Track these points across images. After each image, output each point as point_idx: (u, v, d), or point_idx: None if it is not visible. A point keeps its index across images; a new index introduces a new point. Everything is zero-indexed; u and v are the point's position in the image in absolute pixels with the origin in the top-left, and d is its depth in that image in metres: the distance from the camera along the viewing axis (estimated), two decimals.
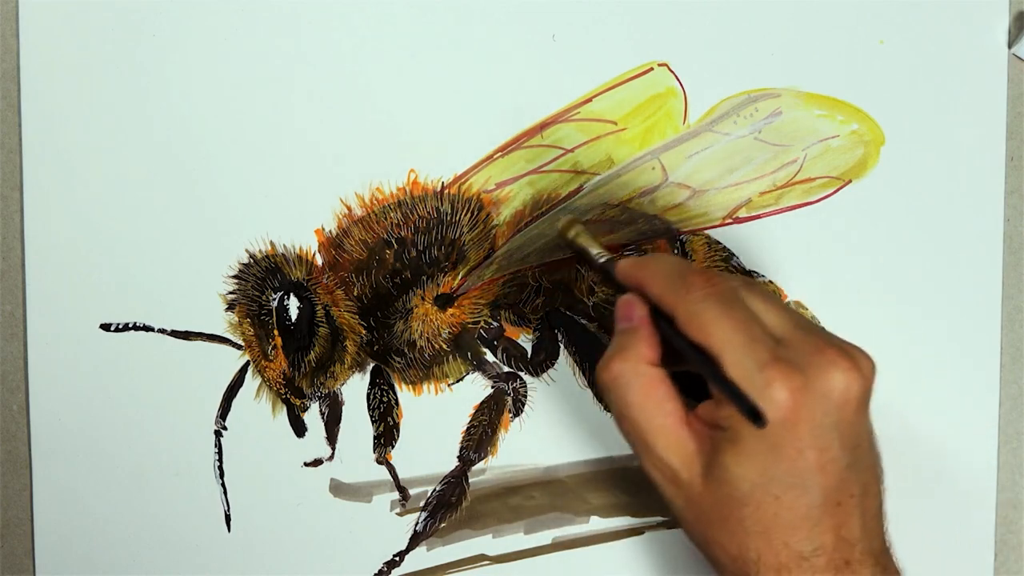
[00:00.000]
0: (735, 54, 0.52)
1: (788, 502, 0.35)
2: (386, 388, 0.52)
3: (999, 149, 0.52)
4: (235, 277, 0.52)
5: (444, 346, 0.52)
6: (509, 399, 0.52)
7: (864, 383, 0.36)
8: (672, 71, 0.52)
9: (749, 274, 0.51)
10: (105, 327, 0.53)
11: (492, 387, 0.52)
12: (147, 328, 0.53)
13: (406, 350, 0.51)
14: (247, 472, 0.53)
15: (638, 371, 0.38)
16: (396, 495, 0.53)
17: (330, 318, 0.50)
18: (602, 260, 0.43)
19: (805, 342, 0.36)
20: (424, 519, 0.52)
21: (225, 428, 0.52)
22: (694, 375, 0.38)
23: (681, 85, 0.52)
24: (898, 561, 0.38)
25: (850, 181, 0.51)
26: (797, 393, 0.35)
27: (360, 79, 0.52)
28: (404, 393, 0.52)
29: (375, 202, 0.52)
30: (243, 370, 0.52)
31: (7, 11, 0.53)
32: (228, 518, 0.53)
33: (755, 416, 0.34)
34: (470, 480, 0.52)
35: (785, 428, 0.35)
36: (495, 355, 0.52)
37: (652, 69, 0.52)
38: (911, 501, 0.51)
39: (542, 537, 0.53)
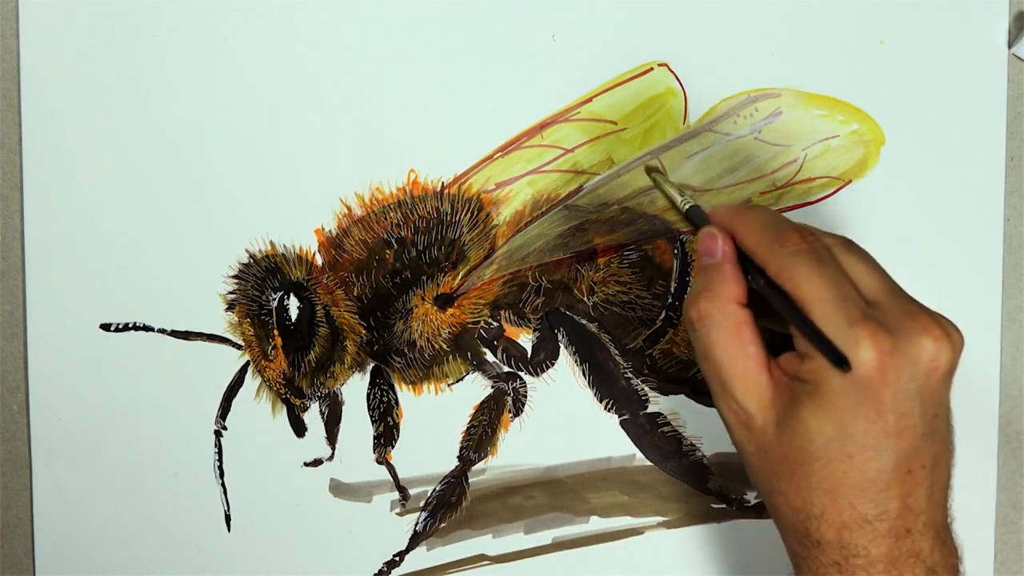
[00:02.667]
0: (735, 54, 0.52)
1: (860, 463, 0.35)
2: (386, 388, 0.52)
3: (999, 149, 0.52)
4: (235, 277, 0.52)
5: (444, 346, 0.52)
6: (509, 399, 0.52)
7: (953, 354, 0.36)
8: (672, 71, 0.52)
9: None
10: (105, 327, 0.53)
11: (492, 387, 0.52)
12: (147, 328, 0.53)
13: (406, 350, 0.51)
14: (247, 472, 0.53)
15: (726, 311, 0.37)
16: (396, 495, 0.53)
17: (330, 318, 0.50)
18: (687, 206, 0.43)
19: (898, 306, 0.36)
20: (424, 519, 0.52)
21: (225, 428, 0.52)
22: (770, 332, 0.38)
23: (681, 85, 0.52)
24: (958, 538, 0.38)
25: (850, 181, 0.51)
26: (884, 355, 0.34)
27: (360, 79, 0.52)
28: (404, 393, 0.52)
29: (375, 202, 0.52)
30: (243, 370, 0.52)
31: (7, 11, 0.53)
32: (228, 518, 0.53)
33: (840, 362, 0.34)
34: (470, 480, 0.52)
35: (868, 388, 0.35)
36: (495, 355, 0.52)
37: (652, 69, 0.52)
38: None
39: (542, 537, 0.53)
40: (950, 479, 0.37)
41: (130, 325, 0.53)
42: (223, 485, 0.53)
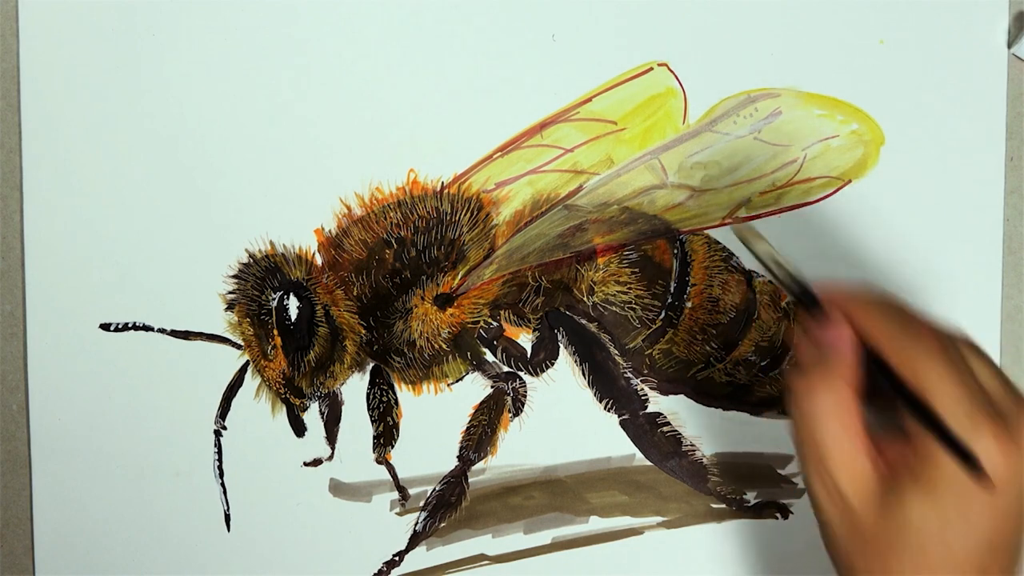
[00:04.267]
0: (735, 54, 0.52)
1: (956, 551, 0.35)
2: (386, 388, 0.52)
3: (999, 149, 0.52)
4: (235, 277, 0.52)
5: (444, 346, 0.51)
6: (509, 399, 0.52)
7: None
8: (672, 71, 0.52)
9: (748, 274, 0.51)
10: (105, 327, 0.53)
11: (492, 387, 0.52)
12: (147, 328, 0.53)
13: (406, 350, 0.51)
14: (247, 472, 0.53)
15: (840, 394, 0.37)
16: (396, 495, 0.53)
17: (330, 318, 0.50)
18: (798, 285, 0.41)
19: (1018, 406, 0.36)
20: (424, 519, 0.52)
21: (225, 428, 0.52)
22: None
23: (681, 85, 0.52)
24: None
25: (850, 181, 0.51)
26: (1007, 455, 0.35)
27: (360, 79, 0.52)
28: (404, 393, 0.52)
29: (375, 202, 0.52)
30: (243, 370, 0.52)
31: (7, 11, 0.53)
32: (228, 518, 0.53)
33: (973, 465, 0.34)
34: (470, 480, 0.52)
35: (981, 485, 0.35)
36: (495, 355, 0.52)
37: (652, 69, 0.52)
38: None
39: (541, 537, 0.53)
40: None
41: (130, 325, 0.53)
42: (223, 485, 0.53)
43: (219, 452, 0.52)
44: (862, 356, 0.38)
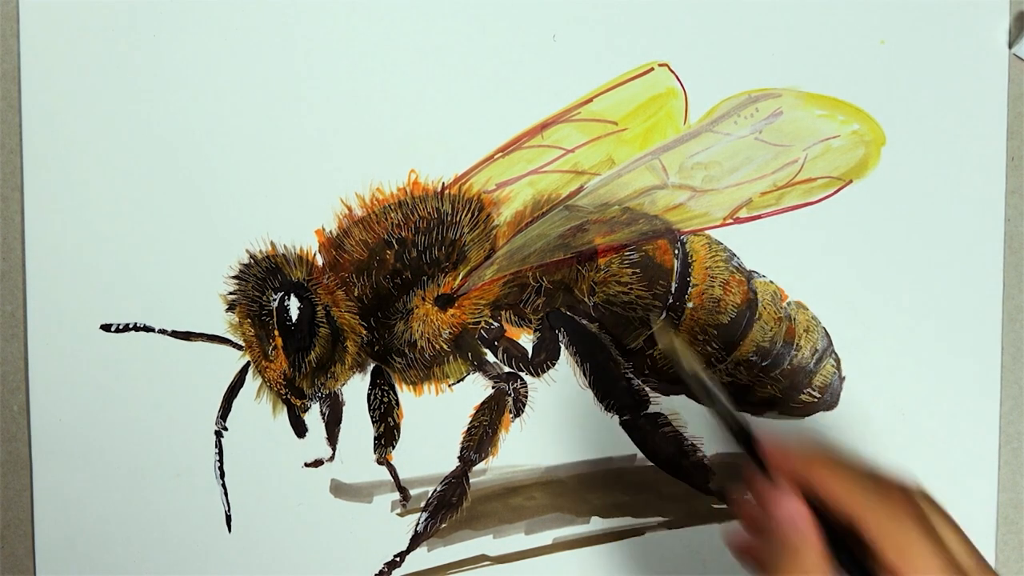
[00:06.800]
0: (735, 54, 0.52)
1: None
2: (387, 388, 0.52)
3: (999, 149, 0.52)
4: (236, 278, 0.52)
5: (445, 346, 0.51)
6: (510, 399, 0.52)
7: None
8: (672, 71, 0.52)
9: (749, 274, 0.51)
10: (105, 328, 0.53)
11: (493, 387, 0.52)
12: (147, 329, 0.53)
13: (407, 350, 0.51)
14: (248, 472, 0.53)
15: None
16: (397, 495, 0.53)
17: (330, 318, 0.50)
18: (736, 426, 0.39)
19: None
20: (425, 519, 0.52)
21: (226, 429, 0.52)
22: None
23: (682, 85, 0.52)
24: None
25: (851, 181, 0.51)
26: None
27: (361, 79, 0.52)
28: (405, 393, 0.52)
29: (375, 202, 0.52)
30: (244, 371, 0.52)
31: (7, 11, 0.53)
32: (229, 518, 0.53)
33: None
34: (471, 480, 0.52)
35: None
36: (496, 355, 0.52)
37: (652, 69, 0.52)
38: None
39: (543, 537, 0.53)
40: None
41: (130, 326, 0.53)
42: (224, 486, 0.53)
43: (220, 453, 0.52)
44: (821, 531, 0.36)
